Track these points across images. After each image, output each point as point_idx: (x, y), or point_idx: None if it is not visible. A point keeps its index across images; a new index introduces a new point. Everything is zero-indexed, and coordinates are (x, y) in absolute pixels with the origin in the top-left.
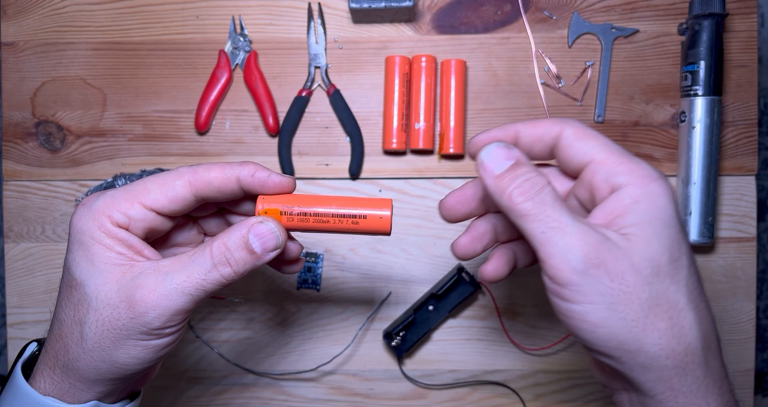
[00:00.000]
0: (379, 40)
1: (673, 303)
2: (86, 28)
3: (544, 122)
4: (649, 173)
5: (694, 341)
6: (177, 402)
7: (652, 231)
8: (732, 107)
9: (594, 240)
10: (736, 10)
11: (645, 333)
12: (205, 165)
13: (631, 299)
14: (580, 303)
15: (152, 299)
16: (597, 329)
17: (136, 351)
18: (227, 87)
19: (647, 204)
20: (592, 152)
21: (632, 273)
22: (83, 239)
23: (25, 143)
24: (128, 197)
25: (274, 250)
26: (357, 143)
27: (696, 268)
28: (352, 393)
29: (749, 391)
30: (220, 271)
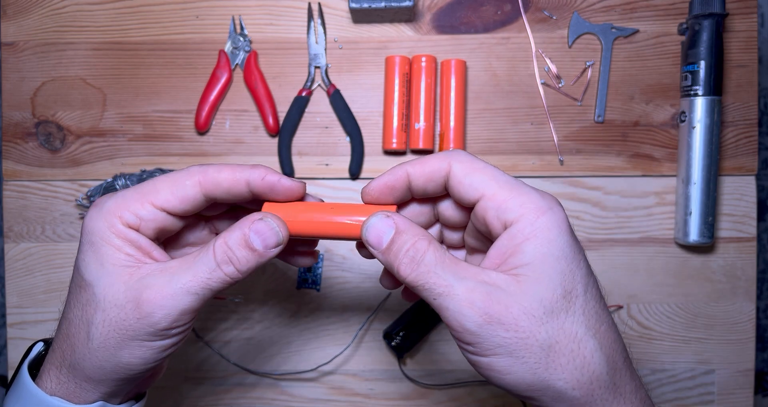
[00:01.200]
0: (379, 40)
1: (571, 336)
2: (86, 28)
3: (432, 160)
4: (538, 206)
5: (598, 367)
6: (178, 402)
7: (542, 269)
8: (732, 107)
9: (482, 296)
10: (736, 10)
11: (548, 371)
12: (215, 166)
13: (529, 343)
14: (484, 356)
15: (159, 299)
16: (504, 376)
17: (141, 352)
18: (227, 87)
19: (537, 241)
20: (481, 186)
21: (525, 318)
22: (93, 240)
23: (25, 143)
24: (139, 198)
25: (276, 246)
26: (357, 143)
27: (594, 290)
28: (352, 393)
29: (749, 391)
30: (224, 270)
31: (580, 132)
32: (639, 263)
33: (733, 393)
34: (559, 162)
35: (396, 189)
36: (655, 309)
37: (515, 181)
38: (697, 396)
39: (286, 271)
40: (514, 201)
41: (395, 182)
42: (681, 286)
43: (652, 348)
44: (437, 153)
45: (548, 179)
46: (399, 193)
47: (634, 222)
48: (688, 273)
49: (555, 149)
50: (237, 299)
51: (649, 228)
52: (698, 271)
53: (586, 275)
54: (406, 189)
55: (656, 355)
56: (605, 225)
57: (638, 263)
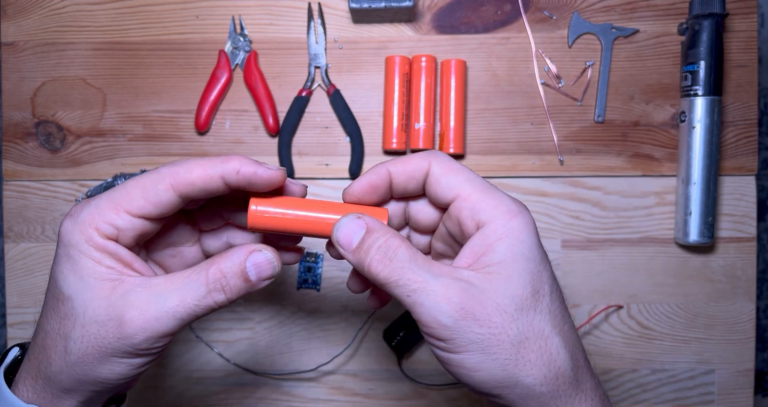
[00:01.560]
0: (379, 40)
1: (539, 333)
2: (86, 28)
3: (413, 159)
4: (510, 209)
5: (563, 364)
6: (177, 402)
7: (513, 267)
8: (732, 107)
9: (457, 292)
10: (736, 10)
11: (518, 367)
12: (186, 164)
13: (501, 339)
14: (456, 353)
15: (142, 321)
16: (474, 373)
17: (119, 368)
18: (227, 87)
19: (509, 240)
20: (457, 187)
21: (498, 314)
22: (71, 253)
23: (25, 143)
24: (113, 207)
25: (269, 279)
26: (357, 143)
27: (558, 292)
28: (352, 393)
29: (749, 391)
30: (214, 298)
31: (580, 132)
32: (639, 263)
33: (733, 393)
34: (559, 162)
35: (379, 188)
36: (655, 309)
37: (489, 184)
38: (697, 396)
39: (286, 271)
40: (487, 203)
41: (378, 181)
42: (681, 286)
43: (652, 348)
44: (417, 153)
45: (548, 179)
46: (382, 192)
47: (634, 222)
48: (688, 273)
49: (555, 149)
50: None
51: (649, 228)
52: (698, 271)
53: (551, 277)
54: (388, 188)
55: (656, 355)
56: (605, 225)
57: (638, 263)
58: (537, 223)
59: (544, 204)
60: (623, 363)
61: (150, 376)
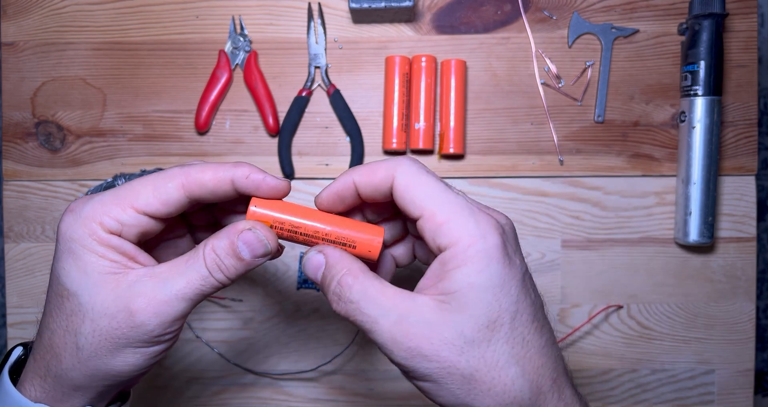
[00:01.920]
0: (379, 40)
1: (492, 364)
2: (86, 28)
3: (377, 170)
4: (471, 234)
5: (519, 393)
6: (176, 402)
7: (467, 299)
8: (732, 107)
9: (404, 329)
10: (736, 10)
11: (470, 397)
12: (197, 166)
13: (451, 372)
14: (416, 380)
15: (152, 307)
16: (435, 398)
17: (134, 359)
18: (227, 87)
19: (466, 270)
20: (421, 204)
21: (446, 348)
22: (73, 248)
23: (25, 143)
24: (119, 202)
25: (264, 256)
26: (357, 143)
27: (526, 315)
28: (352, 393)
29: (749, 391)
30: (216, 277)
31: (580, 132)
32: (639, 263)
33: (733, 393)
34: (559, 162)
35: (345, 197)
36: (655, 309)
37: (457, 200)
38: (697, 396)
39: (286, 271)
40: (448, 226)
41: (344, 191)
42: (681, 286)
43: (652, 348)
44: (384, 161)
45: (548, 179)
46: (349, 200)
47: (634, 222)
48: (688, 273)
49: (555, 149)
50: (237, 299)
51: (649, 228)
52: (698, 271)
53: (516, 302)
54: (356, 197)
55: (656, 355)
56: (605, 225)
57: (638, 263)
58: (537, 223)
59: (544, 204)
60: (623, 363)
61: (150, 376)
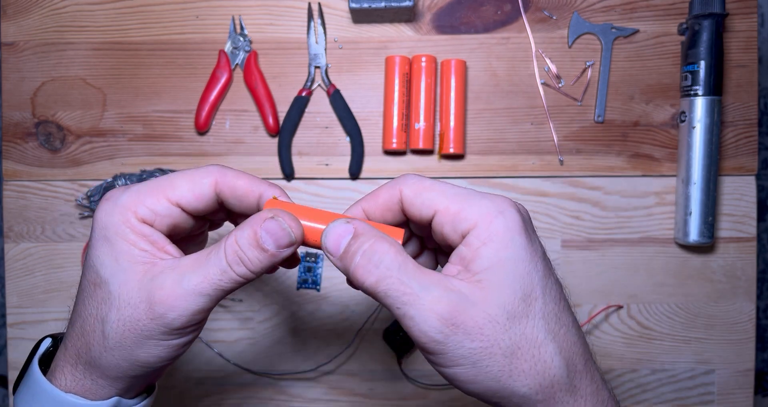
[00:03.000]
0: (379, 40)
1: (532, 341)
2: (86, 28)
3: (382, 192)
4: (490, 211)
5: (558, 371)
6: (176, 401)
7: (502, 273)
8: (732, 107)
9: (447, 304)
10: (736, 10)
11: (512, 378)
12: (235, 171)
13: (493, 352)
14: (449, 367)
15: (170, 300)
16: (469, 385)
17: (157, 350)
18: (227, 87)
19: (494, 245)
20: (433, 203)
21: (490, 325)
22: (108, 235)
23: (25, 143)
24: (155, 192)
25: (289, 246)
26: (357, 143)
27: (554, 291)
28: (352, 393)
29: (749, 391)
30: (236, 270)
31: (580, 132)
32: (639, 263)
33: (733, 393)
34: (559, 162)
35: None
36: (655, 309)
37: (465, 191)
38: (697, 396)
39: (286, 271)
40: (466, 212)
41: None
42: (681, 286)
43: (652, 348)
44: (385, 184)
45: (548, 179)
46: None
47: (634, 222)
48: (688, 273)
49: (555, 149)
50: (237, 299)
51: (649, 228)
52: (698, 271)
53: (544, 276)
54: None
55: (656, 355)
56: (605, 225)
57: (638, 263)
58: (537, 223)
59: (544, 204)
60: (623, 363)
61: None
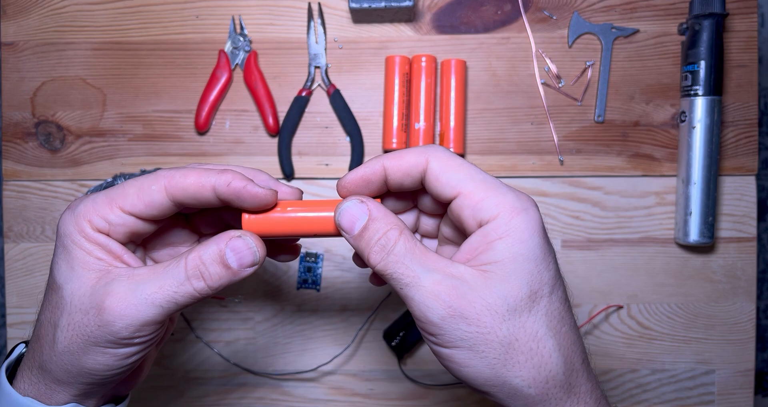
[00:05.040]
0: (379, 40)
1: (532, 335)
2: (86, 28)
3: (409, 155)
4: (513, 206)
5: (555, 367)
6: (176, 402)
7: (511, 268)
8: (732, 107)
9: (447, 289)
10: (736, 10)
11: (506, 368)
12: (183, 170)
13: (490, 339)
14: (446, 347)
15: (120, 308)
16: (463, 368)
17: (103, 358)
18: (227, 87)
19: (509, 240)
20: (458, 185)
21: (488, 313)
22: (66, 243)
23: (25, 143)
24: (108, 202)
25: (251, 266)
26: (357, 143)
27: (560, 292)
28: (352, 393)
29: (749, 391)
30: (194, 285)
31: (580, 132)
32: (639, 263)
33: (733, 393)
34: (559, 162)
35: (372, 182)
36: (655, 309)
37: (492, 180)
38: (697, 396)
39: (286, 271)
40: (489, 201)
41: (372, 175)
42: (681, 286)
43: (652, 348)
44: (414, 148)
45: (548, 179)
46: (375, 186)
47: (634, 222)
48: (689, 273)
49: (555, 149)
50: (237, 299)
51: (649, 228)
52: (698, 271)
53: (554, 277)
54: (383, 183)
55: (656, 355)
56: (605, 225)
57: (638, 263)
58: None
59: (544, 204)
60: (623, 363)
61: (149, 376)
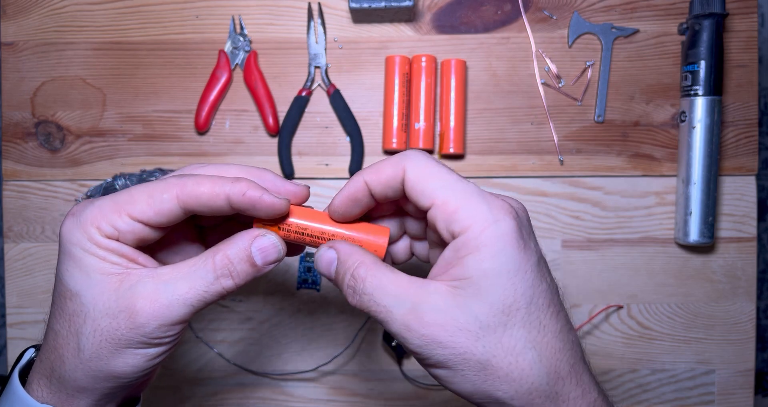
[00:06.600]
0: (379, 40)
1: (509, 349)
2: (86, 28)
3: (386, 167)
4: (485, 218)
5: (537, 379)
6: (176, 402)
7: (481, 285)
8: (732, 107)
9: (418, 318)
10: (736, 10)
11: (487, 383)
12: (195, 178)
13: (467, 358)
14: (432, 368)
15: (153, 309)
16: (451, 385)
17: (134, 360)
18: (227, 87)
19: (479, 255)
20: (433, 194)
21: (461, 334)
22: (74, 251)
23: (24, 143)
24: (116, 209)
25: (275, 262)
26: (357, 143)
27: (542, 299)
28: (352, 394)
29: (749, 391)
30: (223, 283)
31: (580, 132)
32: (639, 263)
33: (733, 393)
34: (559, 162)
35: (359, 200)
36: (655, 309)
37: (468, 188)
38: (697, 396)
39: (286, 271)
40: (462, 212)
41: (356, 193)
42: (681, 286)
43: (652, 348)
44: (391, 158)
45: (548, 179)
46: (364, 202)
47: (634, 222)
48: (689, 273)
49: (555, 149)
50: (237, 299)
51: (649, 228)
52: (698, 271)
53: (532, 286)
54: (369, 197)
55: (656, 355)
56: (605, 225)
57: (638, 263)
58: (537, 223)
59: (544, 204)
60: (623, 363)
61: None
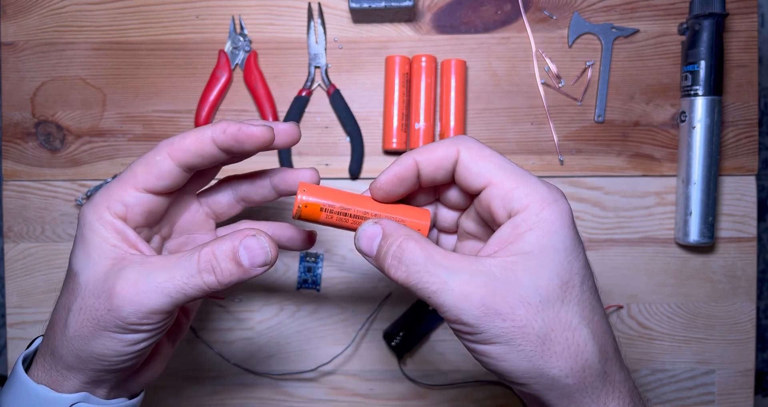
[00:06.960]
0: (379, 40)
1: (566, 324)
2: (86, 28)
3: (440, 147)
4: (543, 197)
5: (591, 356)
6: (176, 402)
7: (541, 259)
8: (732, 107)
9: (477, 288)
10: (736, 10)
11: (544, 359)
12: (181, 134)
13: (526, 331)
14: (482, 344)
15: (130, 294)
16: (500, 363)
17: (111, 343)
18: (227, 87)
19: (539, 232)
20: (489, 174)
21: (522, 306)
22: (84, 232)
23: (24, 142)
24: (121, 185)
25: (263, 266)
26: (357, 143)
27: (590, 282)
28: (352, 394)
29: (749, 391)
30: (204, 278)
31: (580, 132)
32: (639, 263)
33: (733, 393)
34: (559, 162)
35: (406, 179)
36: (655, 309)
37: (522, 171)
38: (697, 396)
39: (286, 271)
40: (520, 191)
41: (405, 172)
42: (681, 286)
43: (652, 348)
44: (444, 140)
45: (548, 179)
46: (409, 183)
47: (634, 222)
48: (689, 273)
49: (555, 149)
50: (237, 299)
51: (649, 228)
52: (698, 271)
53: (584, 267)
54: (416, 178)
55: (656, 355)
56: (605, 225)
57: (638, 263)
58: None
59: None
60: None
61: None
